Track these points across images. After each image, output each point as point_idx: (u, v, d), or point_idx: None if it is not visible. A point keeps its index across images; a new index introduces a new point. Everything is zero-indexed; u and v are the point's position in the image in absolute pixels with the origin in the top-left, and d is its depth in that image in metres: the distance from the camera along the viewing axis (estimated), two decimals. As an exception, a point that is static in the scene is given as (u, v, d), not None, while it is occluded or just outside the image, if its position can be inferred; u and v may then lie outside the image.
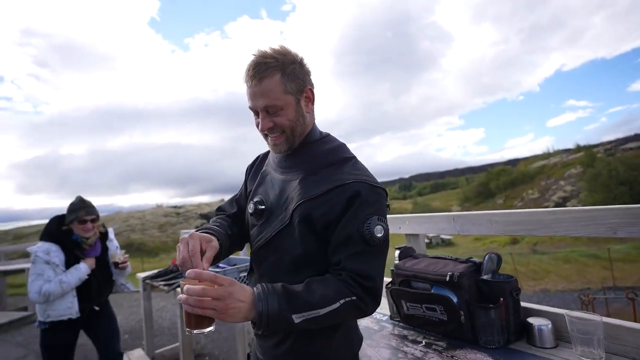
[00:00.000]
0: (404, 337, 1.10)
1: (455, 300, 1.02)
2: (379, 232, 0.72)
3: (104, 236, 2.22)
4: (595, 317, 0.88)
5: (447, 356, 0.95)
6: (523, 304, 1.04)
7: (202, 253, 0.72)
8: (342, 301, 0.69)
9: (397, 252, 1.33)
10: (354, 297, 0.70)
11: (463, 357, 0.93)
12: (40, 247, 1.94)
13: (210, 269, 0.71)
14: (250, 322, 0.68)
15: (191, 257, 0.69)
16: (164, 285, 2.77)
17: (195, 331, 0.64)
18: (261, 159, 0.99)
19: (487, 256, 1.09)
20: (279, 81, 0.77)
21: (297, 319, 0.67)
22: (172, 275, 2.99)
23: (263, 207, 0.84)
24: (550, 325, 0.97)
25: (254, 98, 0.78)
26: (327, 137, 0.87)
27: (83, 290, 2.04)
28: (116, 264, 2.16)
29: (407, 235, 1.49)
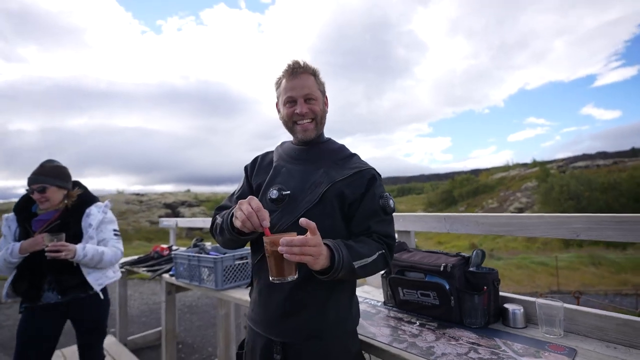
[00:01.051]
0: (400, 319, 1.26)
1: (447, 287, 1.20)
2: (392, 204, 1.00)
3: (78, 208, 1.83)
4: (558, 303, 1.09)
5: (439, 333, 1.12)
6: (501, 293, 1.24)
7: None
8: (378, 253, 0.92)
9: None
10: (384, 251, 0.95)
11: (452, 334, 1.11)
12: (5, 217, 1.79)
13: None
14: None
15: (257, 212, 0.80)
16: (147, 271, 2.78)
17: (289, 278, 0.79)
18: (262, 158, 1.12)
19: (474, 252, 1.27)
20: (314, 81, 1.01)
21: (356, 265, 0.85)
22: (154, 262, 2.99)
23: (287, 192, 0.96)
24: (522, 310, 1.17)
25: (295, 88, 0.98)
26: (330, 139, 1.10)
27: (28, 272, 1.71)
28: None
29: (399, 231, 1.66)
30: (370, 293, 1.61)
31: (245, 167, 1.13)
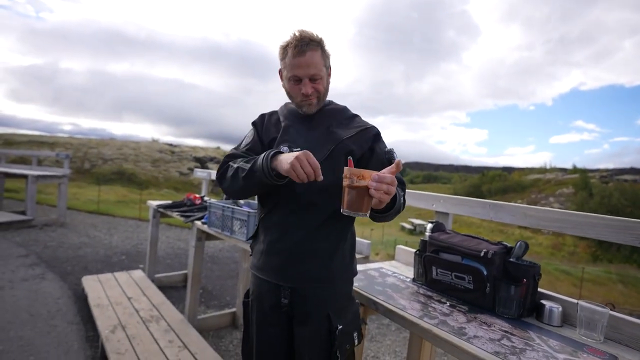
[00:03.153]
0: (430, 297, 1.26)
1: (485, 273, 1.17)
2: (396, 156, 1.05)
3: None
4: (604, 309, 1.04)
5: (470, 316, 1.10)
6: (540, 289, 1.20)
7: None
8: (402, 194, 1.02)
9: (429, 225, 1.46)
10: (403, 193, 1.05)
11: (484, 319, 1.09)
12: None
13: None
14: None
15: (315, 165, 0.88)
16: (181, 216, 2.91)
17: (362, 214, 0.83)
18: (269, 116, 1.15)
19: (518, 243, 1.22)
20: (320, 56, 1.01)
21: (402, 205, 1.01)
22: (186, 208, 3.13)
23: (297, 149, 0.99)
24: (560, 309, 1.12)
25: (301, 67, 0.99)
26: (332, 101, 1.15)
27: None
28: None
29: (437, 212, 1.63)
30: (398, 268, 1.61)
31: (254, 122, 1.16)
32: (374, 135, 1.08)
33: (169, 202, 3.35)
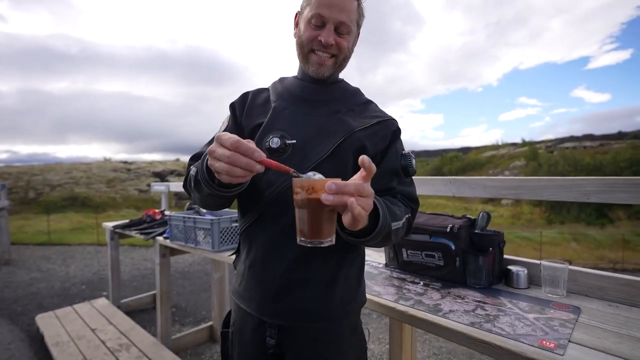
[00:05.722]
0: (403, 280, 1.26)
1: (453, 248, 1.19)
2: (414, 165, 0.83)
3: None
4: (563, 265, 1.09)
5: (444, 292, 1.12)
6: (505, 255, 1.24)
7: None
8: (406, 216, 0.76)
9: (396, 209, 1.47)
10: (409, 215, 0.79)
11: (457, 293, 1.11)
12: None
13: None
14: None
15: (237, 148, 0.56)
16: (140, 234, 2.74)
17: (326, 241, 0.56)
18: (254, 95, 0.87)
19: (480, 214, 1.26)
20: (356, 9, 0.79)
21: (393, 227, 0.69)
22: (146, 225, 2.95)
23: (292, 141, 0.76)
24: (525, 271, 1.17)
25: (332, 6, 0.74)
26: (344, 80, 0.89)
27: None
28: None
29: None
30: (370, 256, 1.60)
31: (232, 105, 0.86)
32: (394, 131, 0.82)
33: (127, 221, 3.15)
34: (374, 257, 1.57)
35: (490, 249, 1.17)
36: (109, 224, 3.15)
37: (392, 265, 1.41)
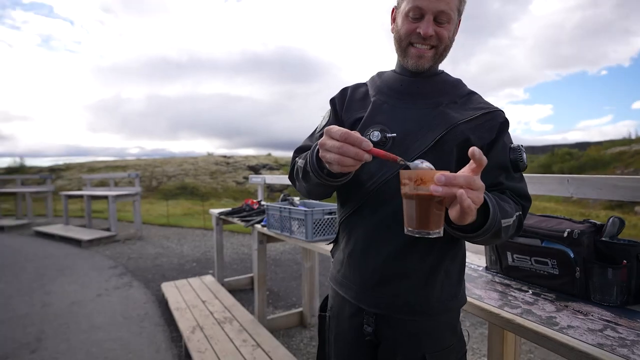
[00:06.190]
0: (508, 286, 1.16)
1: (572, 256, 1.04)
2: (525, 159, 0.78)
3: None
4: None
5: (560, 305, 0.99)
6: (644, 270, 1.04)
7: None
8: (517, 214, 0.72)
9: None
10: (520, 213, 0.75)
11: (577, 308, 0.97)
12: None
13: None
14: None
15: (345, 139, 0.59)
16: (241, 221, 3.05)
17: (433, 233, 0.56)
18: (353, 90, 0.89)
19: (610, 219, 1.07)
20: None
21: (503, 224, 0.66)
22: (246, 213, 3.28)
23: (393, 134, 0.76)
24: (675, 293, 0.96)
25: None
26: (445, 72, 0.86)
27: None
28: None
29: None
30: (468, 257, 1.50)
31: (332, 100, 0.89)
32: (501, 123, 0.78)
33: (229, 209, 3.54)
34: (473, 259, 1.47)
35: (625, 261, 1.00)
36: (215, 211, 3.58)
37: (493, 269, 1.30)
